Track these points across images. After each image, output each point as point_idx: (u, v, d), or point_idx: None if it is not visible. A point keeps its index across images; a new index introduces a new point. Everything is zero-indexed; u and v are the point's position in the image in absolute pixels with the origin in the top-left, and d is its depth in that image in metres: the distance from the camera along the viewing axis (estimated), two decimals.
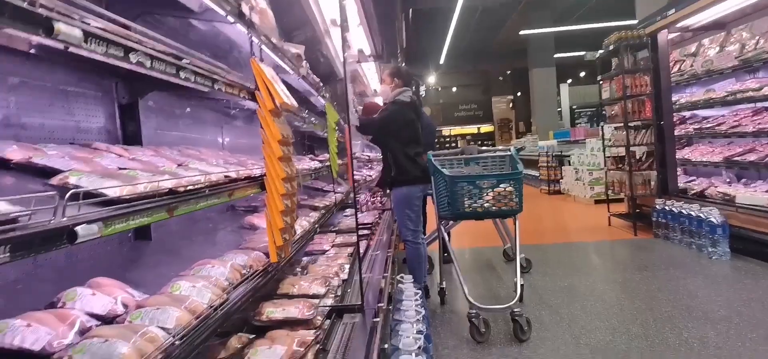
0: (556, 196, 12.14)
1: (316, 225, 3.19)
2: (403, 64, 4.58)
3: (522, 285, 3.52)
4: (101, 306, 1.27)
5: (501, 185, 3.44)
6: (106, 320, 1.25)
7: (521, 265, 4.99)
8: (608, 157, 7.68)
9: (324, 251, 3.34)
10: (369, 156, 8.57)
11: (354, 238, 3.63)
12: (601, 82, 7.72)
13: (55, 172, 1.24)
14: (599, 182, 9.87)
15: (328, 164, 4.23)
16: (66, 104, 1.88)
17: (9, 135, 1.58)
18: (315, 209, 3.54)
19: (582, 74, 26.42)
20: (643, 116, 6.77)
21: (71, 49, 1.01)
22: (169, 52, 1.43)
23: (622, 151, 7.29)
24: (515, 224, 3.75)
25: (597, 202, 9.86)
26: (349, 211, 4.89)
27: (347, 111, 3.19)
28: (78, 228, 0.92)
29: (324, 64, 4.94)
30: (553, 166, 12.75)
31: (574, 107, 20.99)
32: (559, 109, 21.26)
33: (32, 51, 1.67)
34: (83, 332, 1.13)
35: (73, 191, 0.98)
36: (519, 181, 3.51)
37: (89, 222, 0.97)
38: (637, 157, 7.11)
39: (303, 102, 4.13)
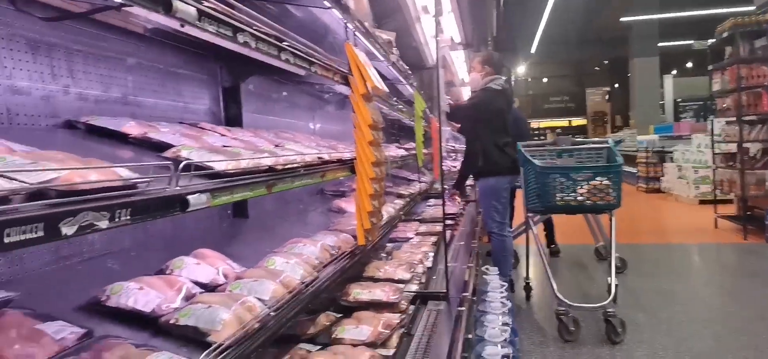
0: (655, 194, 11.36)
1: (401, 213, 3.20)
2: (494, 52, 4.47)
3: (616, 285, 3.33)
4: (205, 275, 1.35)
5: (597, 178, 3.26)
6: (209, 288, 1.33)
7: (615, 265, 4.74)
8: (717, 154, 7.06)
9: (408, 239, 3.35)
10: (454, 147, 8.48)
11: (437, 228, 3.61)
12: (711, 72, 7.08)
13: (167, 146, 1.33)
14: (705, 180, 9.10)
15: (413, 152, 4.24)
16: (176, 85, 2.02)
17: (126, 112, 1.73)
18: (400, 196, 3.55)
19: (688, 65, 24.38)
20: (760, 110, 6.14)
21: (186, 27, 1.07)
22: (271, 33, 1.48)
23: (733, 147, 6.66)
24: (611, 220, 3.54)
25: (702, 202, 9.09)
26: (432, 201, 4.87)
27: (438, 99, 3.16)
28: (190, 197, 0.98)
29: (413, 52, 4.93)
30: (653, 162, 11.93)
31: (679, 99, 19.42)
32: (662, 102, 19.77)
33: (146, 34, 1.81)
34: (188, 298, 1.21)
35: (185, 162, 1.04)
36: (618, 174, 3.31)
37: (200, 192, 1.02)
38: (751, 154, 6.47)
39: (391, 90, 4.15)
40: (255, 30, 1.41)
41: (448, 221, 4.23)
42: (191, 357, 1.00)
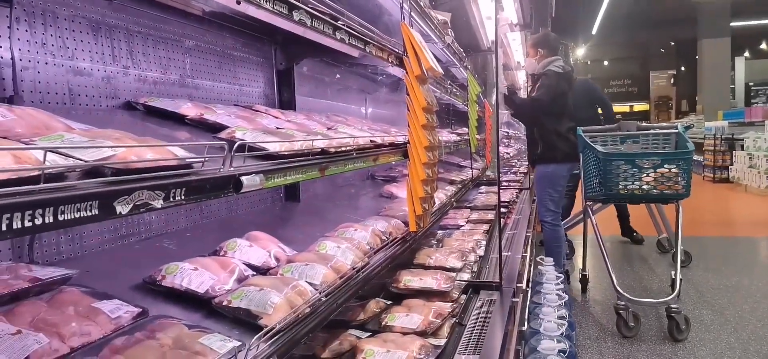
0: (722, 184, 10.72)
1: (453, 199, 3.14)
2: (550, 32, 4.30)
3: (680, 280, 3.14)
4: (257, 257, 1.35)
5: (665, 166, 3.06)
6: (261, 270, 1.33)
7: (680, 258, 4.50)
8: None
9: (459, 227, 3.28)
10: (507, 133, 8.27)
11: (489, 215, 3.52)
12: None
13: (222, 128, 1.33)
14: None
15: (466, 137, 4.15)
16: (232, 68, 2.03)
17: (184, 94, 1.75)
18: (452, 183, 3.48)
19: (762, 45, 22.72)
20: None
21: (242, 5, 1.05)
22: (327, 11, 1.45)
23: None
24: (678, 210, 3.34)
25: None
26: (483, 188, 4.77)
27: (496, 83, 3.05)
28: (243, 178, 0.96)
29: (468, 34, 4.81)
30: (722, 150, 11.24)
31: (751, 83, 18.17)
32: (732, 86, 18.56)
33: (205, 16, 1.83)
34: (241, 280, 1.21)
35: (239, 142, 1.03)
36: (688, 162, 3.10)
37: (254, 173, 1.01)
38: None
39: (445, 73, 4.07)
40: (310, 7, 1.39)
41: (502, 209, 4.13)
42: (243, 339, 0.99)
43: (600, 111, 5.14)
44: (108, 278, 1.20)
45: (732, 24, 16.59)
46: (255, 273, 1.29)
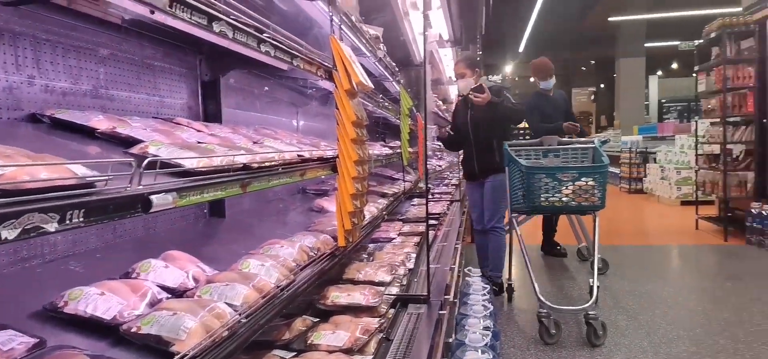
0: (637, 195, 11.47)
1: (384, 212, 3.15)
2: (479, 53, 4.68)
3: (598, 287, 3.32)
4: (173, 279, 1.29)
5: (582, 179, 3.23)
6: (177, 293, 1.27)
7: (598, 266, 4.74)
8: (700, 155, 7.12)
9: (390, 239, 3.30)
10: (440, 146, 8.44)
11: (421, 228, 3.56)
12: (697, 73, 7.13)
13: (137, 142, 1.26)
14: (688, 181, 9.20)
15: (398, 151, 4.19)
16: (152, 78, 1.95)
17: (97, 106, 1.65)
18: (383, 196, 3.50)
19: (674, 66, 24.63)
20: (744, 112, 6.20)
21: (157, 14, 1.01)
22: (250, 23, 1.42)
23: (716, 149, 6.73)
24: (595, 221, 3.53)
25: (683, 203, 9.19)
26: (416, 200, 4.83)
27: (424, 97, 3.10)
28: (153, 197, 0.91)
29: (400, 49, 4.87)
30: (637, 163, 12.04)
31: (663, 100, 19.66)
32: (647, 102, 19.95)
33: (124, 25, 1.74)
34: (153, 304, 1.14)
35: (149, 159, 0.98)
36: (603, 175, 3.29)
37: (165, 192, 0.96)
38: (734, 156, 6.53)
39: (378, 87, 4.10)
40: (233, 19, 1.35)
41: (432, 222, 4.19)
42: None
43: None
44: (5, 306, 1.10)
45: (646, 45, 17.88)
46: (170, 296, 1.23)
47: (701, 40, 6.84)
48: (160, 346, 1.01)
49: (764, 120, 6.01)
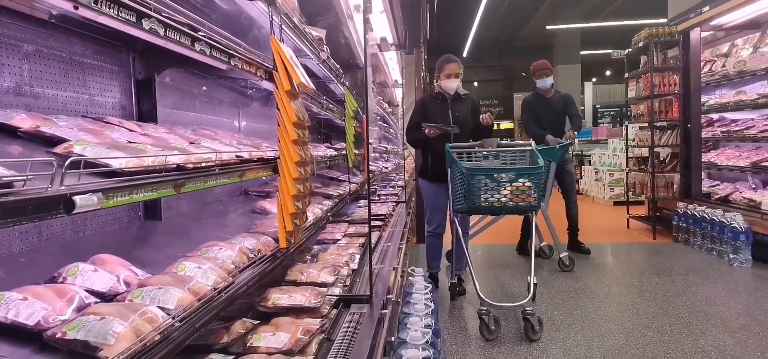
0: None
1: (329, 214, 3.15)
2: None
3: (535, 284, 3.44)
4: (102, 283, 1.24)
5: (520, 180, 3.35)
6: (107, 297, 1.23)
7: (563, 263, 5.02)
8: (631, 157, 7.51)
9: (335, 241, 3.30)
10: (386, 148, 8.52)
11: (366, 229, 3.59)
12: (628, 80, 7.53)
13: (62, 141, 1.21)
14: (619, 183, 9.69)
15: (344, 152, 4.20)
16: (81, 76, 1.86)
17: (21, 104, 1.57)
18: (328, 197, 3.50)
19: (607, 73, 25.91)
20: (670, 117, 6.60)
21: (81, 10, 0.97)
22: (184, 22, 1.39)
23: (645, 152, 7.13)
24: (533, 221, 3.66)
25: (616, 203, 9.67)
26: (362, 202, 4.85)
27: (366, 99, 3.12)
28: (76, 198, 0.88)
29: (345, 52, 4.88)
30: (574, 165, 12.55)
31: (598, 105, 20.62)
32: (582, 107, 20.88)
33: (52, 20, 1.66)
34: (81, 309, 1.10)
35: (72, 159, 0.95)
36: (538, 176, 3.42)
37: (89, 192, 0.93)
38: (661, 158, 6.94)
39: (322, 89, 4.09)
40: (164, 17, 1.32)
41: (377, 223, 4.22)
42: None
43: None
44: None
45: (582, 52, 18.72)
46: (99, 301, 1.19)
47: (630, 49, 7.22)
48: (86, 352, 0.98)
49: (688, 125, 6.42)
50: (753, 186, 5.91)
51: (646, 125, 6.84)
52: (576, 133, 5.40)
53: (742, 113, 6.37)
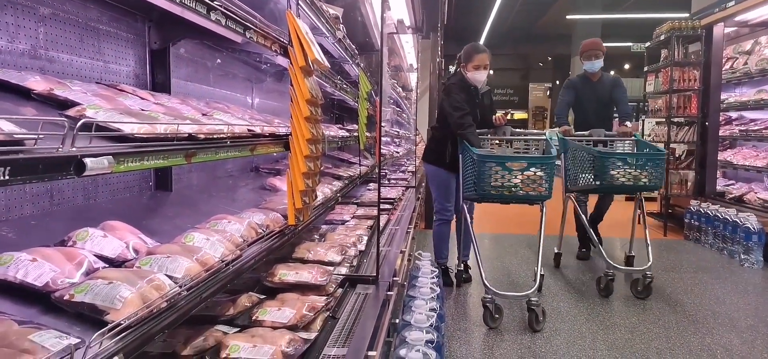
0: None
1: (339, 195, 3.15)
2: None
3: (542, 275, 3.43)
4: (111, 248, 1.25)
5: (531, 169, 3.32)
6: (115, 263, 1.23)
7: (639, 287, 4.16)
8: None
9: (344, 222, 3.31)
10: (398, 132, 8.48)
11: (375, 211, 3.58)
12: (647, 73, 7.41)
13: (75, 105, 1.21)
14: None
15: (356, 134, 4.18)
16: (96, 42, 1.86)
17: (35, 67, 1.57)
18: (338, 178, 3.49)
19: (626, 66, 25.52)
20: (688, 113, 6.50)
21: None
22: None
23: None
24: (542, 211, 3.63)
25: (628, 199, 9.58)
26: (372, 185, 4.85)
27: (380, 80, 3.10)
28: (87, 159, 0.88)
29: (361, 33, 4.84)
30: None
31: None
32: None
33: None
34: (89, 273, 1.11)
35: (84, 121, 0.94)
36: (551, 166, 3.39)
37: (100, 155, 0.93)
38: (676, 155, 6.85)
39: (337, 69, 4.06)
40: None
41: (386, 206, 4.22)
42: (84, 337, 0.91)
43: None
44: None
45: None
46: (107, 266, 1.19)
47: (650, 43, 7.10)
48: (93, 315, 0.99)
49: (706, 122, 6.32)
50: None
51: (663, 120, 6.74)
52: (630, 123, 4.66)
53: (762, 112, 6.25)
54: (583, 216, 4.64)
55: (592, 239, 4.44)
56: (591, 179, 4.09)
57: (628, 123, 4.66)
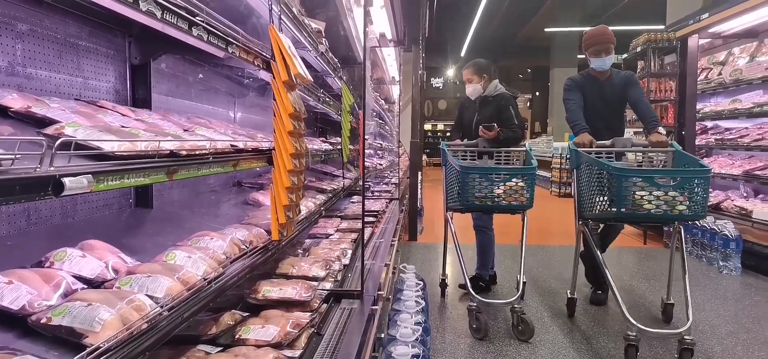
0: (567, 198, 12.01)
1: (322, 208, 3.13)
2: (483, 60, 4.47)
3: (524, 283, 3.45)
4: (90, 269, 1.22)
5: (513, 179, 3.35)
6: (94, 284, 1.21)
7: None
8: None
9: (328, 236, 3.29)
10: (381, 144, 8.49)
11: (359, 224, 3.57)
12: None
13: (54, 123, 1.19)
14: None
15: (339, 147, 4.18)
16: (75, 58, 1.84)
17: (13, 84, 1.54)
18: (322, 191, 3.48)
19: None
20: (665, 123, 6.62)
21: None
22: (181, 5, 1.37)
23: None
24: (524, 220, 3.66)
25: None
26: (356, 197, 4.83)
27: (363, 94, 3.11)
28: (65, 179, 0.86)
29: (343, 46, 4.86)
30: (567, 168, 12.61)
31: None
32: None
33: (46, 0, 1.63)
34: (67, 294, 1.08)
35: (63, 139, 0.93)
36: (532, 177, 3.42)
37: (79, 174, 0.91)
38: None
39: (320, 83, 4.06)
40: None
41: (370, 219, 4.21)
42: None
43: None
44: None
45: (579, 56, 18.76)
46: (86, 287, 1.17)
47: (628, 54, 7.24)
48: (72, 339, 0.96)
49: (683, 131, 6.44)
50: (745, 194, 5.94)
51: (641, 130, 6.86)
52: (660, 131, 3.90)
53: (736, 121, 6.40)
54: (598, 252, 3.43)
55: (607, 280, 3.35)
56: (607, 205, 3.18)
57: (660, 129, 3.88)
